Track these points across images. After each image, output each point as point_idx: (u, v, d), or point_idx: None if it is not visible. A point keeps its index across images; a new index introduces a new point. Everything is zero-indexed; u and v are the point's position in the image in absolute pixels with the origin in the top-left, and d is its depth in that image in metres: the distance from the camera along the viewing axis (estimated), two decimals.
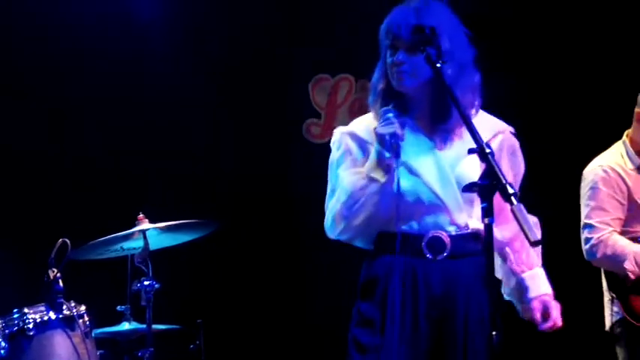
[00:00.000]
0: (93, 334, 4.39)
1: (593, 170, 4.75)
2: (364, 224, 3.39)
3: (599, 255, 4.62)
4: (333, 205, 3.43)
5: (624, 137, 4.79)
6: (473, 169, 3.35)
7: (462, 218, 3.40)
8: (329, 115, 6.91)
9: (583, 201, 4.73)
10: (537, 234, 2.82)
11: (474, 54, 3.45)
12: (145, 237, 4.65)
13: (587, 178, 4.76)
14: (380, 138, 3.33)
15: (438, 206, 3.37)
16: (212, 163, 6.33)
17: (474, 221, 3.40)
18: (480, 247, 3.38)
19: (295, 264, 6.45)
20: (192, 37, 6.36)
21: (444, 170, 3.39)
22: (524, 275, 3.49)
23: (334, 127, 6.83)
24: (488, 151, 2.95)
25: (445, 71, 3.28)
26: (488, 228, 2.94)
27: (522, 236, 3.28)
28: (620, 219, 4.65)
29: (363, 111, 6.93)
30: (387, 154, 3.31)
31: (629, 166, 4.71)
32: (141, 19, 6.09)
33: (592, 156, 4.93)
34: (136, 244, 4.71)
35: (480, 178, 2.96)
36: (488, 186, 2.92)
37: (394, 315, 3.32)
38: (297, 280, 6.43)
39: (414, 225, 3.38)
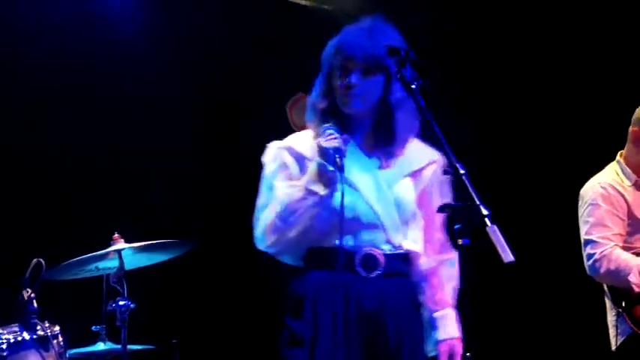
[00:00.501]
0: (67, 355, 4.36)
1: (592, 188, 4.77)
2: (297, 238, 3.36)
3: (602, 270, 4.62)
4: (265, 216, 3.40)
5: (618, 157, 4.81)
6: (410, 190, 3.42)
7: (397, 238, 3.41)
8: None
9: (582, 219, 4.74)
10: (511, 255, 2.82)
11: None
12: (120, 257, 4.62)
13: (585, 197, 4.77)
14: (323, 151, 3.32)
15: (374, 224, 3.37)
16: (188, 183, 6.30)
17: (407, 242, 3.42)
18: (409, 268, 3.44)
19: (271, 284, 6.42)
20: (174, 54, 6.35)
21: (382, 189, 3.40)
22: (435, 315, 3.50)
23: None
24: (462, 172, 2.96)
25: (394, 93, 3.36)
26: (463, 249, 2.94)
27: (442, 272, 3.46)
28: (621, 235, 4.66)
29: None
30: (330, 168, 3.29)
31: (627, 182, 4.73)
32: (119, 28, 6.07)
33: (579, 177, 4.95)
34: (111, 263, 4.68)
35: (454, 200, 2.97)
36: (462, 207, 2.93)
37: (325, 333, 3.31)
38: (272, 301, 6.40)
39: (350, 241, 3.36)
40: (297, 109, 6.91)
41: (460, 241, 2.91)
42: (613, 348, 4.71)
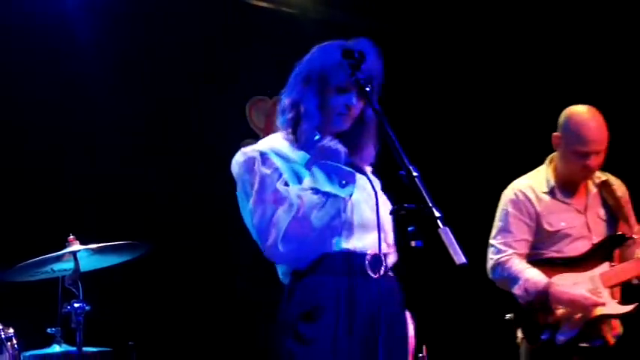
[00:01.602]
0: (22, 357, 4.34)
1: (506, 192, 4.81)
2: (315, 243, 3.33)
3: (497, 276, 4.70)
4: (276, 224, 3.30)
5: (546, 161, 4.81)
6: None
7: (390, 238, 3.48)
8: (267, 135, 6.91)
9: (494, 221, 4.78)
10: (463, 257, 2.84)
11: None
12: (75, 258, 4.60)
13: (501, 200, 4.83)
14: (334, 153, 3.35)
15: (376, 225, 3.40)
16: (144, 184, 6.28)
17: (389, 243, 3.49)
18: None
19: (228, 285, 6.43)
20: (133, 54, 6.32)
21: (375, 191, 3.44)
22: None
23: None
24: (415, 174, 2.98)
25: (369, 110, 3.41)
26: (415, 251, 2.96)
27: None
28: (526, 240, 4.67)
29: None
30: (348, 169, 3.34)
31: (543, 189, 4.72)
32: (73, 32, 6.03)
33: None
34: (67, 265, 4.66)
35: (407, 202, 2.99)
36: (415, 209, 2.95)
37: (343, 338, 3.32)
38: (229, 302, 6.41)
39: (357, 244, 3.39)
40: (257, 110, 6.92)
41: (413, 243, 2.93)
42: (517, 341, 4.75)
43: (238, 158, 3.48)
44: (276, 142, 3.50)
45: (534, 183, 4.74)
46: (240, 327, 6.43)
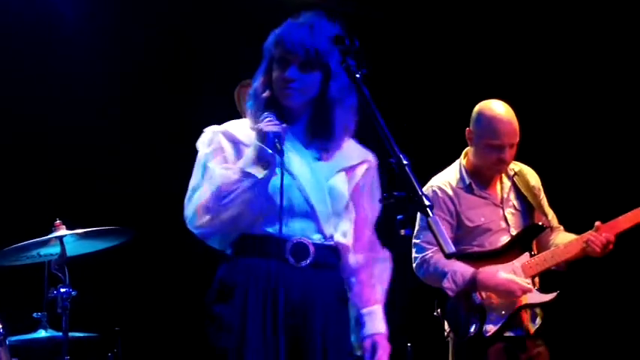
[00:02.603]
0: (7, 342, 4.32)
1: (425, 190, 4.72)
2: (230, 221, 3.31)
3: (423, 274, 4.70)
4: (198, 196, 3.34)
5: (462, 155, 4.82)
6: (343, 184, 3.43)
7: (328, 229, 3.39)
8: None
9: (417, 220, 4.68)
10: (452, 247, 2.83)
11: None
12: (62, 243, 4.59)
13: None
14: (263, 135, 3.29)
15: (307, 213, 3.36)
16: (132, 169, 6.26)
17: (338, 234, 3.41)
18: (337, 261, 3.44)
19: (213, 272, 6.41)
20: (118, 40, 6.29)
21: (318, 179, 3.39)
22: (362, 311, 3.50)
23: None
24: (405, 162, 2.96)
25: (332, 89, 3.37)
26: (406, 240, 2.95)
27: (372, 271, 3.48)
28: (449, 237, 4.67)
29: None
30: (270, 151, 3.27)
31: (460, 184, 4.74)
32: (59, 17, 6.00)
33: None
34: (53, 250, 4.65)
35: (397, 190, 2.97)
36: (404, 198, 2.94)
37: (255, 320, 3.29)
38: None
39: (283, 229, 3.32)
40: (245, 95, 6.88)
41: (402, 232, 2.91)
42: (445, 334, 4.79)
43: (200, 137, 3.53)
44: (237, 124, 3.51)
45: (451, 179, 4.76)
46: (210, 311, 6.42)
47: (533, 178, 4.82)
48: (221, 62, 6.66)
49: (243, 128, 3.46)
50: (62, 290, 4.53)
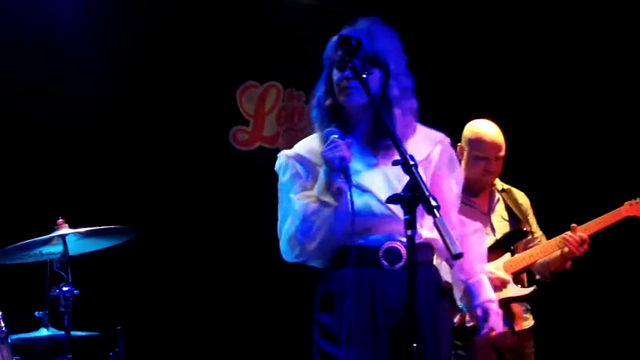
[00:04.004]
0: (9, 340, 4.32)
1: None
2: (319, 247, 3.46)
3: None
4: (286, 229, 3.48)
5: None
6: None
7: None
8: (257, 122, 6.91)
9: None
10: (459, 247, 2.84)
11: (413, 80, 3.55)
12: (64, 242, 4.58)
13: None
14: (329, 162, 3.37)
15: (391, 218, 3.42)
16: (135, 168, 6.26)
17: (425, 231, 3.46)
18: (430, 256, 3.55)
19: (215, 270, 6.43)
20: (119, 42, 6.29)
21: (392, 183, 3.43)
22: (469, 282, 3.60)
23: (262, 135, 6.96)
24: (412, 163, 2.97)
25: (391, 90, 3.44)
26: (411, 240, 2.96)
27: (467, 246, 3.53)
28: None
29: (290, 119, 7.04)
30: (338, 179, 3.36)
31: None
32: (63, 17, 6.00)
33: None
34: (55, 249, 4.63)
35: (404, 190, 2.98)
36: (411, 198, 2.95)
37: (355, 326, 3.37)
38: (216, 287, 6.41)
39: (370, 238, 3.44)
40: (247, 96, 6.90)
41: (409, 232, 2.93)
42: None
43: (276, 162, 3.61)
44: (305, 144, 3.59)
45: None
46: (227, 313, 6.43)
47: (521, 197, 5.09)
48: (224, 63, 6.67)
49: (312, 147, 3.53)
50: (64, 289, 4.52)
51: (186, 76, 6.56)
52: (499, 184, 5.03)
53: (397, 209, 3.36)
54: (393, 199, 3.02)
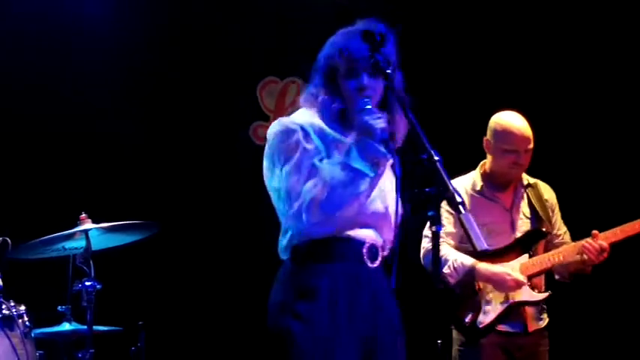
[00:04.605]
0: (32, 335, 4.34)
1: None
2: (343, 219, 3.33)
3: (428, 262, 4.79)
4: (308, 193, 3.29)
5: (479, 165, 4.97)
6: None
7: (392, 232, 3.45)
8: (277, 117, 6.88)
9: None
10: (484, 244, 2.84)
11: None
12: (87, 237, 4.60)
13: None
14: (370, 131, 3.24)
15: (385, 216, 3.41)
16: (157, 164, 6.28)
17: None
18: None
19: (237, 265, 6.43)
20: (140, 38, 6.30)
21: (392, 185, 3.43)
22: None
23: None
24: (436, 158, 2.96)
25: (396, 90, 3.34)
26: (435, 236, 2.95)
27: None
28: (455, 233, 4.75)
29: None
30: (382, 149, 3.23)
31: (471, 189, 4.89)
32: (85, 15, 6.01)
33: None
34: (78, 244, 4.66)
35: (428, 186, 2.97)
36: (436, 194, 2.93)
37: (341, 319, 3.33)
38: (238, 282, 6.41)
39: (360, 232, 3.38)
40: (267, 91, 6.90)
41: (434, 228, 2.92)
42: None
43: (276, 128, 3.44)
44: (312, 118, 3.45)
45: (466, 184, 4.91)
46: (249, 308, 6.42)
47: (547, 192, 4.99)
48: (244, 59, 6.68)
49: (315, 121, 3.42)
50: (87, 284, 4.55)
51: (206, 72, 6.57)
52: (525, 178, 4.94)
53: (392, 209, 3.39)
54: (416, 194, 3.01)
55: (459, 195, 2.90)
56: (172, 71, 6.41)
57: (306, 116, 3.46)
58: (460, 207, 2.86)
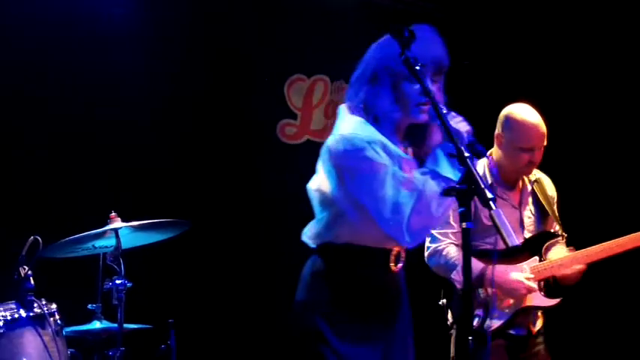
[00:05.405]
0: (63, 333, 4.36)
1: None
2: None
3: (434, 264, 4.77)
4: (404, 208, 3.29)
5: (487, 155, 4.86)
6: None
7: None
8: (304, 116, 6.91)
9: None
10: (515, 240, 2.83)
11: None
12: (117, 235, 4.62)
13: None
14: (458, 136, 3.19)
15: None
16: (185, 162, 6.29)
17: None
18: None
19: (267, 264, 6.44)
20: (167, 36, 6.31)
21: None
22: None
23: (310, 128, 6.95)
24: (467, 155, 2.96)
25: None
26: (466, 232, 2.95)
27: None
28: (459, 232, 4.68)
29: (337, 113, 6.99)
30: (467, 153, 3.14)
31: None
32: (110, 17, 6.03)
33: None
34: (108, 242, 4.69)
35: (459, 182, 2.96)
36: (466, 190, 2.93)
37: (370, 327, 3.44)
38: (268, 281, 6.42)
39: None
40: (294, 90, 6.91)
41: (464, 225, 2.92)
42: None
43: (341, 146, 3.36)
44: (373, 132, 3.40)
45: None
46: (279, 306, 6.43)
47: (550, 188, 4.93)
48: (271, 57, 6.68)
49: (373, 133, 3.40)
50: (117, 282, 4.58)
51: (234, 71, 6.57)
52: (532, 172, 4.86)
53: None
54: (447, 191, 3.01)
55: (491, 191, 2.89)
56: (199, 69, 6.41)
57: (366, 130, 3.39)
58: (491, 203, 2.86)
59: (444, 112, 3.23)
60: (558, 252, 4.75)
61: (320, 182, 3.49)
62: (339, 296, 3.44)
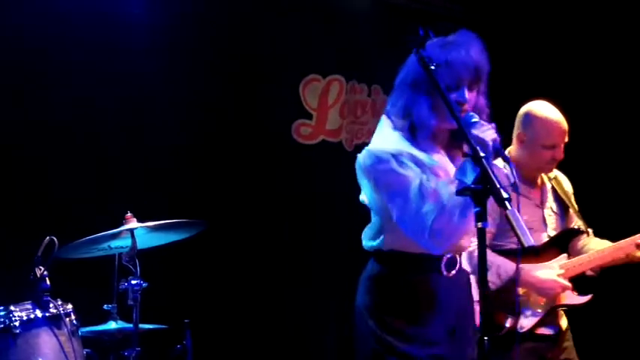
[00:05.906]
0: (79, 333, 4.36)
1: None
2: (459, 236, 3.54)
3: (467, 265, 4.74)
4: (427, 215, 3.36)
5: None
6: None
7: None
8: (320, 116, 6.91)
9: None
10: (530, 239, 2.83)
11: None
12: (132, 236, 4.62)
13: None
14: (485, 143, 3.20)
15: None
16: (200, 162, 6.29)
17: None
18: None
19: (283, 264, 6.44)
20: (179, 36, 6.31)
21: None
22: None
23: (325, 128, 6.95)
24: (482, 155, 2.95)
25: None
26: (481, 232, 2.94)
27: None
28: (491, 233, 4.64)
29: (352, 112, 7.02)
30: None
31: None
32: (126, 18, 6.03)
33: None
34: (124, 242, 4.69)
35: (474, 182, 2.96)
36: (482, 190, 2.93)
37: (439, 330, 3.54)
38: (284, 281, 6.42)
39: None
40: (310, 90, 6.90)
41: (480, 224, 2.91)
42: None
43: (368, 160, 3.49)
44: (400, 144, 3.49)
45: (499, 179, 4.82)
46: (295, 306, 6.44)
47: (567, 184, 4.94)
48: (287, 57, 6.68)
49: (405, 145, 3.49)
50: (133, 282, 4.58)
51: (249, 71, 6.57)
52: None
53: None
54: (462, 191, 3.01)
55: (506, 191, 2.88)
56: (214, 69, 6.41)
57: (394, 142, 3.48)
58: (506, 203, 2.85)
59: (474, 120, 3.28)
60: (591, 245, 4.78)
61: (362, 192, 3.62)
62: (391, 300, 3.54)
